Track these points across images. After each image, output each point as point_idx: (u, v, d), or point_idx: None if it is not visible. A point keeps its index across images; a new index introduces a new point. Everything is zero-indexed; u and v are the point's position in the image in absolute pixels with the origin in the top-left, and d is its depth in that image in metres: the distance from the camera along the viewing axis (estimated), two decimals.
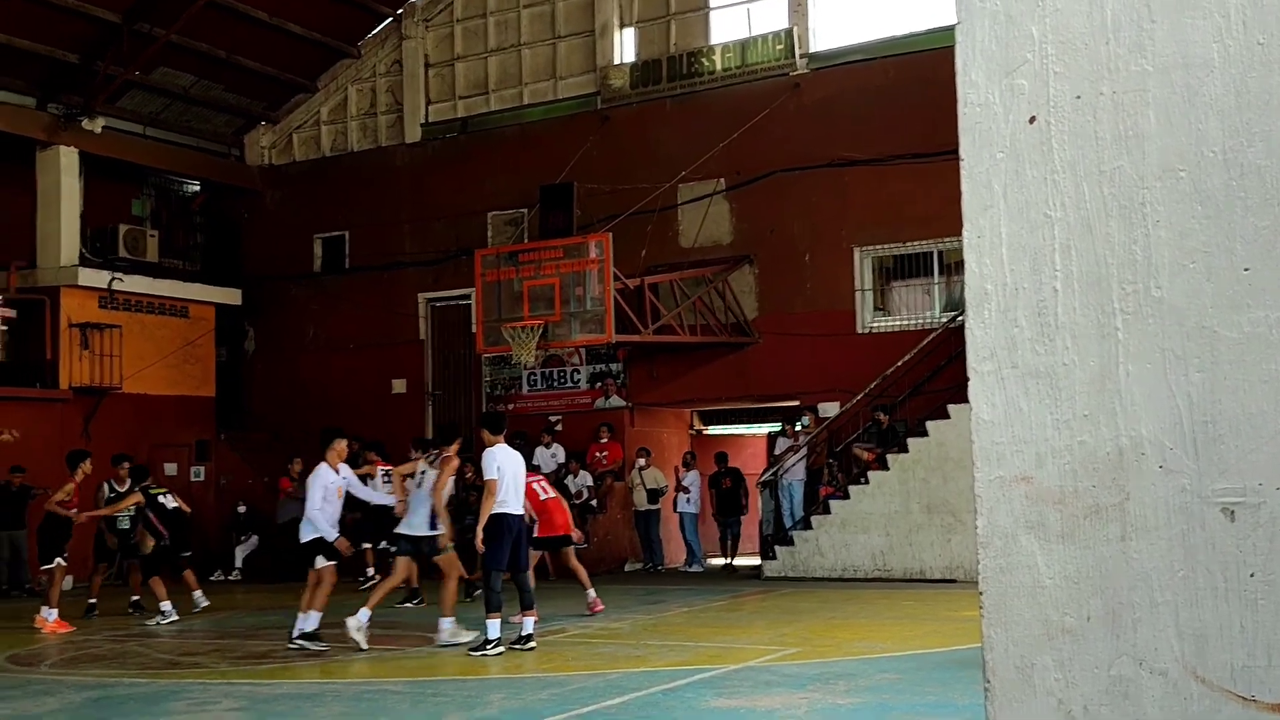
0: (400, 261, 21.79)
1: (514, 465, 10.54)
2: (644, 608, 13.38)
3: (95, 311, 19.86)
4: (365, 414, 21.02)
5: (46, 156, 20.22)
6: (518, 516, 10.42)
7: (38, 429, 18.87)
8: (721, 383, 19.24)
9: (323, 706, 7.95)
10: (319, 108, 23.13)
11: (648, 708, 7.62)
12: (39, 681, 9.54)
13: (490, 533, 10.22)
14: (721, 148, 18.80)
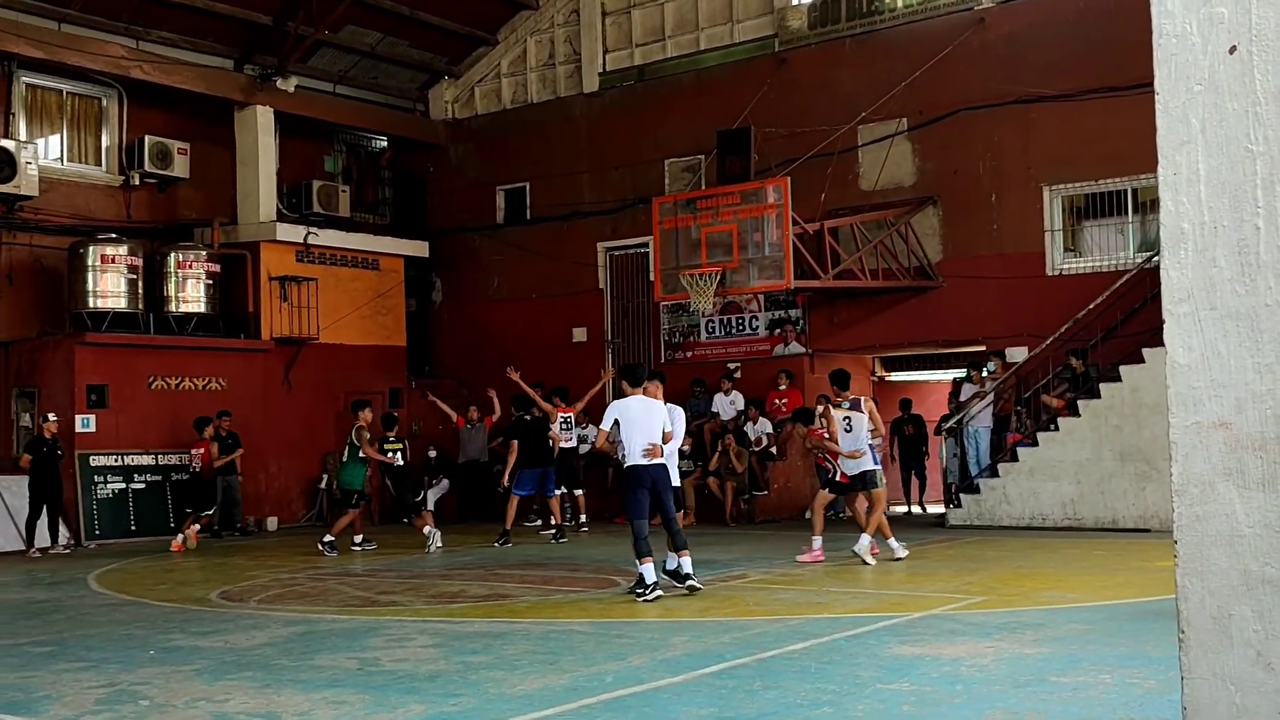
0: (579, 211, 22.04)
1: (644, 416, 10.44)
2: (826, 555, 13.34)
3: (293, 265, 20.69)
4: (547, 362, 21.43)
5: (244, 116, 21.08)
6: (646, 467, 10.33)
7: (243, 378, 19.82)
8: (904, 328, 18.94)
9: (511, 645, 8.20)
10: (499, 60, 23.47)
11: (830, 654, 7.64)
12: (248, 616, 10.09)
13: (625, 484, 10.59)
14: (903, 87, 18.38)
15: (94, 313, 18.45)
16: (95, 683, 7.29)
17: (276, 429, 19.97)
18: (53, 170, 19.34)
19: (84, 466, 17.92)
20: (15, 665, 7.99)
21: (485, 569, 13.11)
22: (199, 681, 7.24)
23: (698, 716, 5.97)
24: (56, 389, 18.09)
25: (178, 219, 20.84)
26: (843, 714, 5.97)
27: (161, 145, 20.16)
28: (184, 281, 19.36)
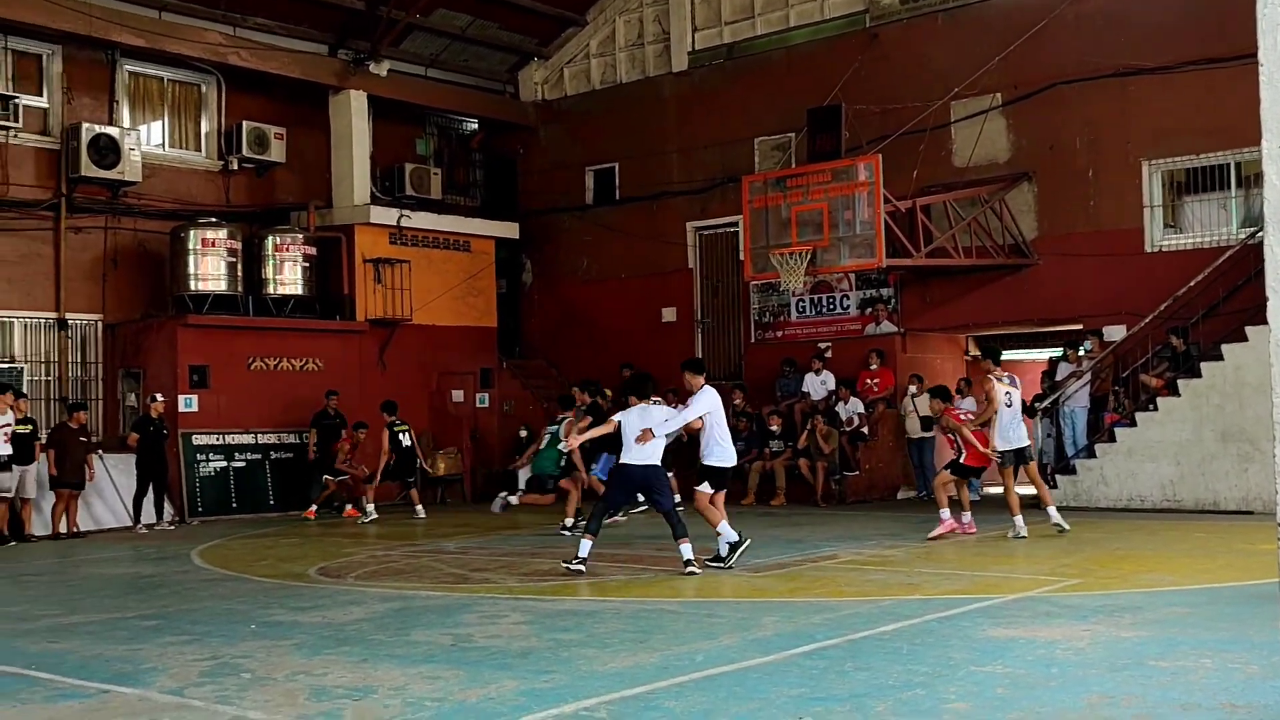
0: (668, 191, 22.03)
1: (637, 423, 10.80)
2: (918, 536, 13.24)
3: (386, 247, 20.97)
4: (637, 343, 21.52)
5: (338, 101, 21.39)
6: (637, 467, 10.72)
7: (339, 358, 20.17)
8: (998, 306, 18.66)
9: (602, 623, 8.27)
10: (588, 41, 23.50)
11: (922, 635, 7.58)
12: (345, 592, 10.29)
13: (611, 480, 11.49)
14: (997, 61, 18.07)
15: (195, 295, 18.89)
16: (199, 655, 7.50)
17: (372, 409, 20.27)
18: (155, 156, 19.81)
19: (187, 445, 18.39)
20: (124, 638, 8.24)
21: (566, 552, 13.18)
22: (298, 656, 7.41)
23: (788, 697, 5.97)
24: (160, 370, 18.57)
25: (275, 203, 21.24)
26: (935, 696, 5.93)
27: (259, 130, 20.54)
28: (281, 264, 19.73)
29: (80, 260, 18.86)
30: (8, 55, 18.44)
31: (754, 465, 18.92)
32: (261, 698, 6.30)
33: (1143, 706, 5.65)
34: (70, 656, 7.62)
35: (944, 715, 5.57)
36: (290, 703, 6.16)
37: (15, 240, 18.18)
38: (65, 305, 18.67)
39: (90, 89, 19.21)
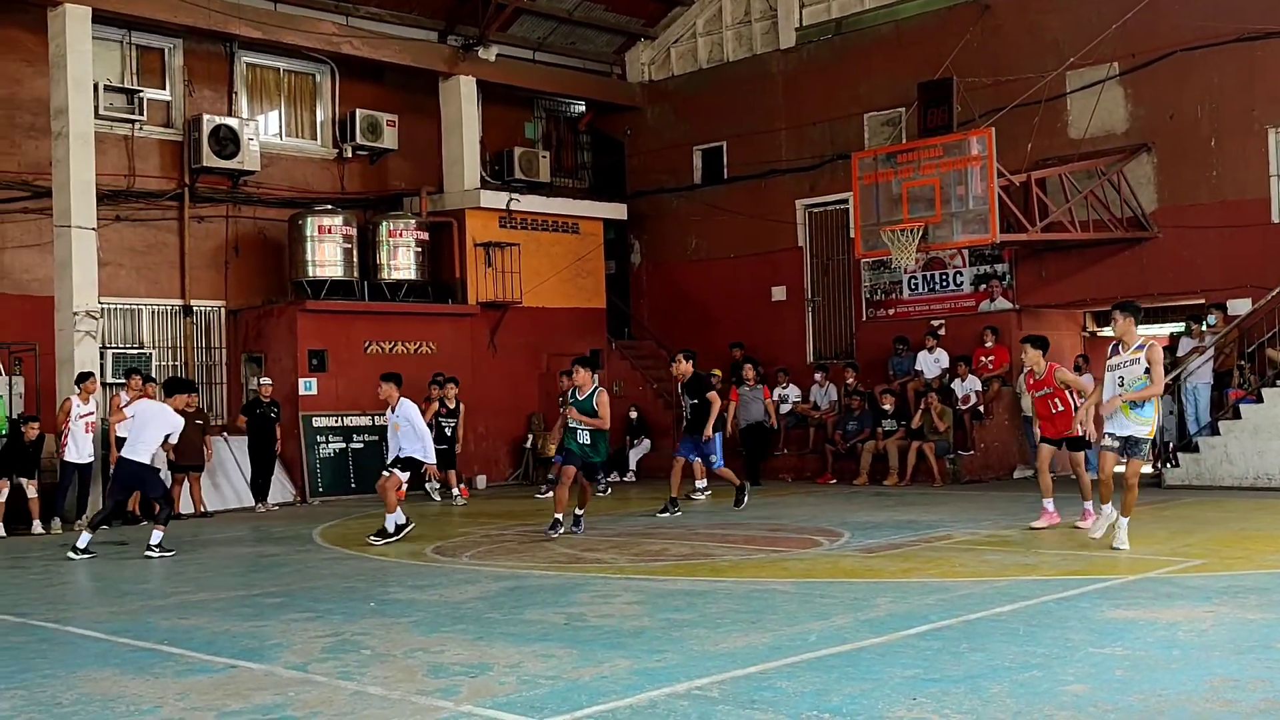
0: (777, 169, 21.89)
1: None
2: (1034, 515, 13.01)
3: (496, 231, 21.20)
4: (746, 322, 21.46)
5: (448, 86, 21.65)
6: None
7: (451, 341, 20.46)
8: (1117, 281, 18.19)
9: (714, 604, 8.29)
10: (695, 20, 23.42)
11: (1039, 616, 7.47)
12: (460, 571, 10.47)
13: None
14: (1115, 29, 17.57)
15: (313, 281, 19.31)
16: (321, 632, 7.70)
17: (483, 390, 20.55)
18: (272, 145, 20.29)
19: (307, 427, 18.84)
20: (249, 615, 8.50)
21: (687, 528, 13.26)
22: (416, 633, 7.57)
23: (902, 678, 5.94)
24: (281, 354, 19.04)
25: (387, 189, 21.60)
26: (1053, 678, 5.85)
27: (372, 118, 20.90)
28: (395, 250, 20.07)
29: (203, 248, 19.41)
30: (132, 50, 19.01)
31: (866, 445, 18.77)
32: (381, 674, 6.45)
33: (1269, 691, 5.50)
34: (199, 632, 7.89)
35: (1062, 697, 5.49)
36: (409, 679, 6.30)
37: (142, 230, 18.78)
38: (190, 292, 19.24)
39: (210, 81, 19.73)
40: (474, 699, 5.81)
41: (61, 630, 8.22)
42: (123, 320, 18.66)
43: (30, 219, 17.54)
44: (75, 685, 6.43)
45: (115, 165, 18.32)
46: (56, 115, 16.68)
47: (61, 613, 9.07)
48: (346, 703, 5.87)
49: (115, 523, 14.87)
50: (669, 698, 5.70)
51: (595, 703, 5.64)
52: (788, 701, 5.58)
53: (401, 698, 5.90)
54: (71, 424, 15.36)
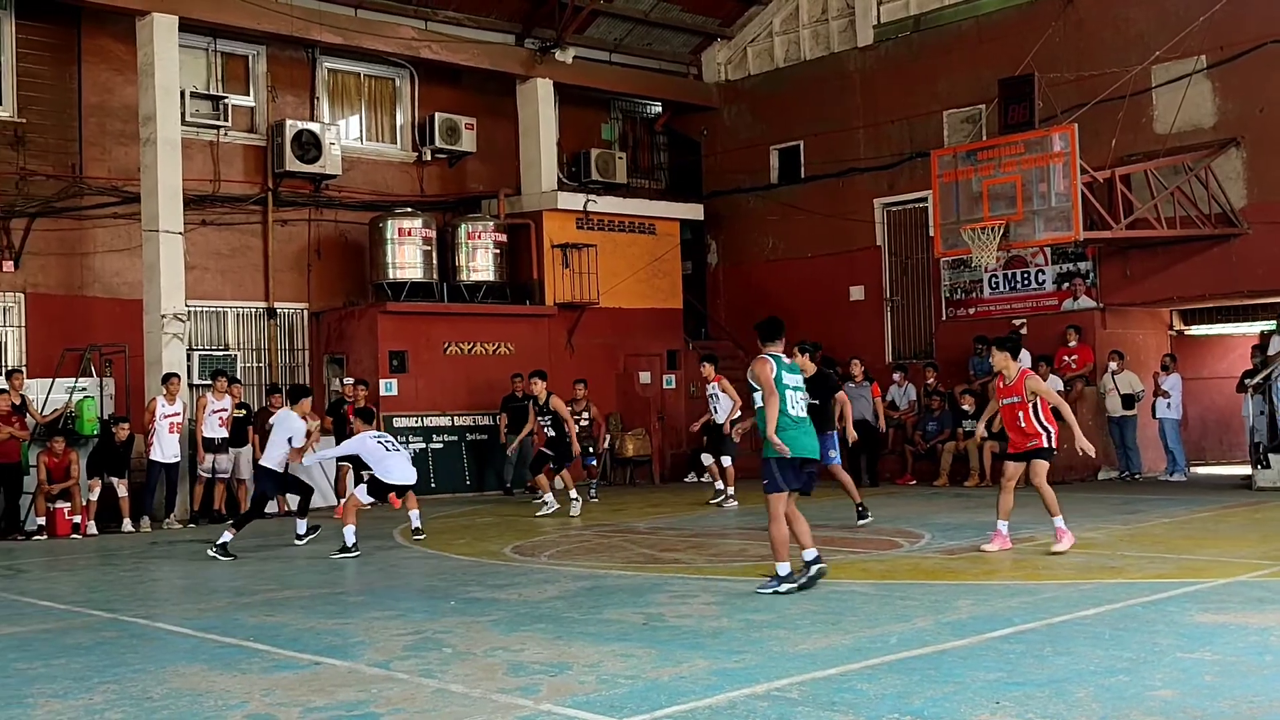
0: (855, 168, 21.74)
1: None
2: (1120, 518, 12.81)
3: (573, 232, 21.29)
4: (825, 322, 21.31)
5: (525, 89, 21.79)
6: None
7: (529, 342, 20.59)
8: (1205, 279, 17.82)
9: (793, 604, 8.25)
10: (771, 19, 23.34)
11: (1125, 620, 7.34)
12: (539, 570, 10.53)
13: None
14: (1202, 21, 17.22)
15: (393, 283, 19.54)
16: (403, 630, 7.79)
17: (561, 391, 20.54)
18: (353, 149, 20.57)
19: (388, 428, 19.00)
20: (333, 613, 8.62)
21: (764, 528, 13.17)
22: (496, 632, 7.63)
23: (985, 681, 5.87)
24: (362, 355, 19.29)
25: (466, 192, 21.79)
26: (1140, 682, 5.74)
27: (450, 121, 21.10)
28: (474, 251, 20.24)
29: (286, 251, 19.73)
30: (218, 58, 19.39)
31: (946, 445, 18.57)
32: (462, 672, 6.51)
33: None
34: (284, 629, 8.01)
35: (1149, 702, 5.39)
36: (489, 677, 6.35)
37: (227, 234, 19.13)
38: (273, 295, 19.57)
39: (292, 87, 20.06)
40: (554, 698, 5.84)
41: (151, 626, 8.40)
42: (208, 322, 19.03)
43: (120, 224, 17.96)
44: (165, 680, 6.57)
45: (201, 170, 18.68)
46: (145, 122, 17.06)
47: (151, 609, 9.27)
48: (428, 700, 5.93)
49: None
50: (748, 698, 5.69)
51: (674, 703, 5.64)
52: (868, 704, 5.53)
53: (482, 696, 5.94)
54: (157, 424, 15.71)
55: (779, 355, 8.91)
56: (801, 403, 8.86)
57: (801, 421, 8.80)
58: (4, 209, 16.99)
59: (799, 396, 8.84)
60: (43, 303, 17.35)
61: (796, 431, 8.70)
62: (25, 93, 17.49)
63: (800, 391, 8.88)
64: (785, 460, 8.62)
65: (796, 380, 8.93)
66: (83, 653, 7.44)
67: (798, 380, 8.95)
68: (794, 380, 8.89)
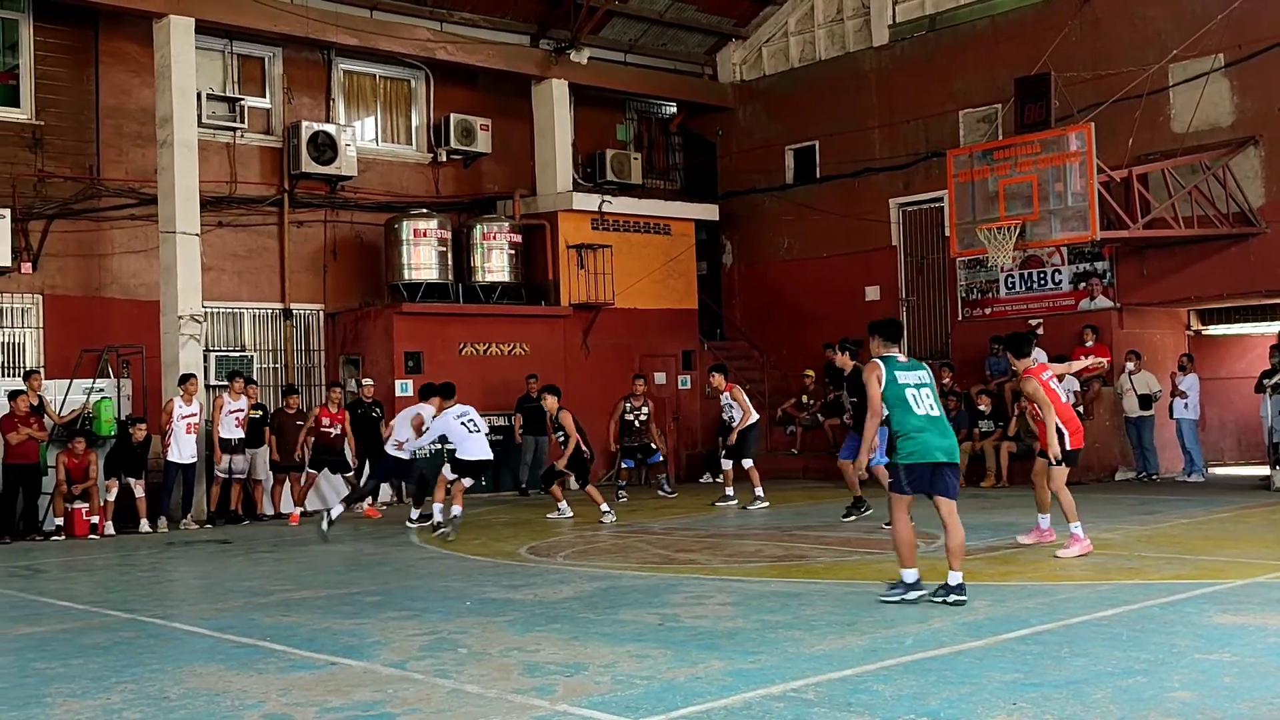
0: (870, 168, 21.70)
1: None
2: (1137, 518, 12.76)
3: (588, 233, 21.29)
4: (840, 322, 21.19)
5: (540, 90, 21.80)
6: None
7: (544, 343, 20.60)
8: (1222, 278, 17.74)
9: (809, 605, 8.24)
10: (786, 19, 23.32)
11: (1143, 621, 7.31)
12: (555, 571, 10.54)
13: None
14: (1220, 19, 17.15)
15: (409, 284, 19.57)
16: (418, 631, 7.80)
17: (576, 392, 20.60)
18: (368, 151, 20.61)
19: None
20: (349, 613, 8.64)
21: (780, 529, 13.20)
22: (511, 632, 7.63)
23: (1001, 682, 5.85)
24: (378, 356, 19.33)
25: (481, 193, 21.82)
26: (1158, 684, 5.72)
27: (465, 123, 21.12)
28: (489, 252, 20.25)
29: (302, 253, 19.78)
30: (234, 60, 19.45)
31: (962, 446, 18.48)
32: (478, 672, 6.52)
33: None
34: (301, 629, 8.03)
35: (1167, 704, 5.36)
36: (505, 677, 6.36)
37: (244, 235, 19.19)
38: (290, 296, 19.61)
39: (308, 89, 20.11)
40: (569, 698, 5.84)
41: (168, 626, 8.43)
42: (225, 323, 19.09)
43: (137, 225, 18.03)
44: (182, 680, 6.59)
45: (217, 172, 18.74)
46: (162, 124, 17.12)
47: (169, 609, 9.31)
48: (444, 700, 5.94)
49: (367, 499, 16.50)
50: (764, 699, 5.68)
51: (690, 703, 5.63)
52: (884, 705, 5.52)
53: (498, 696, 5.95)
54: (174, 425, 15.77)
55: (891, 356, 8.42)
56: (928, 399, 8.24)
57: (933, 422, 8.19)
58: (22, 211, 17.06)
59: (924, 393, 8.25)
60: (60, 304, 17.43)
61: (927, 434, 8.14)
62: (43, 95, 17.58)
63: (926, 388, 8.29)
64: (911, 464, 8.16)
65: (919, 377, 8.35)
66: (100, 653, 7.47)
67: (920, 377, 8.36)
68: (914, 378, 8.32)
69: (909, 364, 8.50)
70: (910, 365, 8.49)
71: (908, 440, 8.17)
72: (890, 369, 8.31)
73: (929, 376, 8.46)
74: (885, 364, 8.33)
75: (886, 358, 8.40)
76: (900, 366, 8.38)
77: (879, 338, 8.53)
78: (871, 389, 8.25)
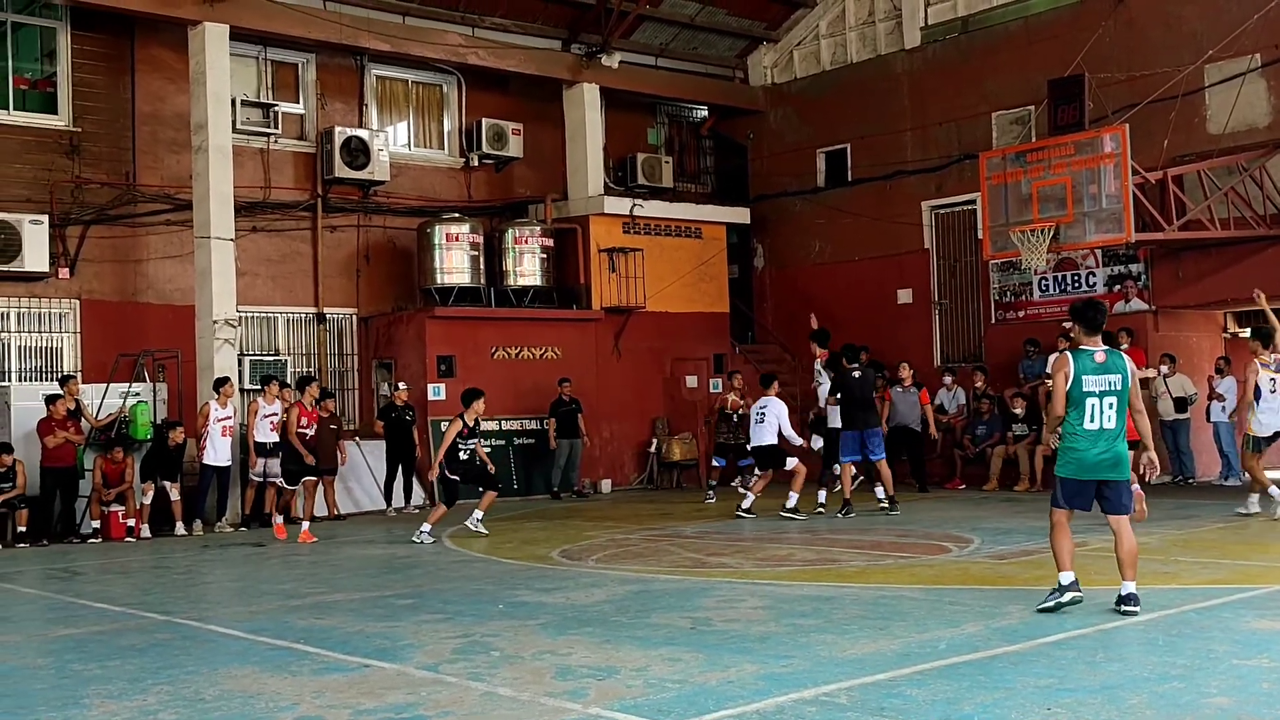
0: (902, 170, 21.61)
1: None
2: (1174, 522, 12.64)
3: (619, 237, 21.32)
4: (873, 326, 21.19)
5: (572, 94, 21.85)
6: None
7: (576, 346, 20.63)
8: (1259, 280, 17.40)
9: (841, 609, 8.22)
10: (818, 22, 23.27)
11: (1179, 626, 7.25)
12: (587, 575, 10.55)
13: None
14: (1257, 19, 16.98)
15: (441, 288, 19.64)
16: (451, 634, 7.83)
17: (608, 395, 20.70)
18: (401, 156, 20.71)
19: (435, 432, 19.11)
20: (382, 615, 8.68)
21: (813, 534, 13.16)
22: (544, 635, 7.64)
23: (1035, 687, 5.81)
24: (410, 360, 19.41)
25: (513, 197, 21.88)
26: (1194, 689, 5.66)
27: (497, 127, 21.19)
28: (520, 256, 20.31)
29: (335, 257, 19.89)
30: (268, 66, 19.59)
31: (996, 450, 18.41)
32: (510, 675, 6.53)
33: None
34: (334, 632, 8.08)
35: (1204, 710, 5.31)
36: (537, 681, 6.37)
37: (278, 240, 19.32)
38: (323, 300, 19.73)
39: (341, 94, 20.23)
40: (601, 701, 5.84)
41: (204, 628, 8.50)
42: (259, 328, 19.22)
43: (172, 231, 18.19)
44: (217, 682, 6.64)
45: (252, 178, 18.88)
46: (196, 130, 17.27)
47: (204, 611, 9.38)
48: (477, 703, 5.95)
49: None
50: (796, 703, 5.67)
51: (722, 707, 5.63)
52: (917, 709, 5.50)
53: (530, 699, 5.96)
54: (210, 428, 15.89)
55: (1088, 350, 7.79)
56: (1109, 410, 7.67)
57: (1100, 435, 7.68)
58: (60, 217, 17.25)
59: (1108, 403, 7.68)
60: (97, 309, 17.60)
61: (1086, 447, 7.73)
62: (80, 102, 17.76)
63: (1111, 396, 7.69)
64: (1068, 479, 7.86)
65: (1107, 383, 7.70)
66: (137, 654, 7.54)
67: (1109, 383, 7.70)
68: (1101, 384, 7.70)
69: (1102, 366, 7.77)
70: (1102, 368, 7.77)
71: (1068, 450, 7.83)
72: (1080, 368, 7.75)
73: (1122, 383, 7.77)
74: (1076, 360, 7.76)
75: (1079, 353, 7.80)
76: (1093, 368, 7.74)
77: (1081, 327, 7.89)
78: (1057, 382, 7.79)
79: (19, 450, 15.11)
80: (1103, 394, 7.73)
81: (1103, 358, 7.79)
